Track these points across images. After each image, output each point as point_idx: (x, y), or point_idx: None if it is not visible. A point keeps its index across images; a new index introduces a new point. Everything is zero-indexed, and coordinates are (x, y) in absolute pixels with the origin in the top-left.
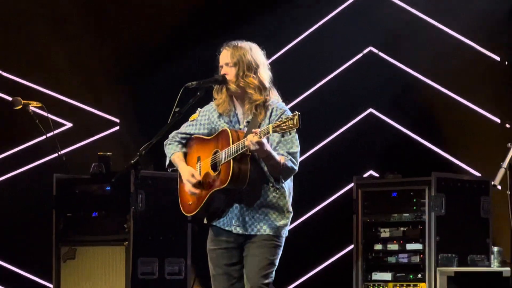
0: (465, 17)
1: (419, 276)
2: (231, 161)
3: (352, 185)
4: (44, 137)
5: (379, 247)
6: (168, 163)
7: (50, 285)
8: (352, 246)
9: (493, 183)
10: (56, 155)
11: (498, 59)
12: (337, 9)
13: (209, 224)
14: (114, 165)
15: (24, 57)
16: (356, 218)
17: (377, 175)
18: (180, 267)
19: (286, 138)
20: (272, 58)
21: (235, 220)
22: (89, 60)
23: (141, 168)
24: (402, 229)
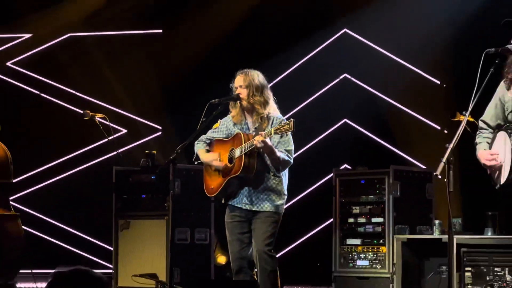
0: (413, 49)
1: (381, 241)
2: (243, 156)
3: (332, 175)
4: (106, 140)
5: (351, 220)
6: (195, 157)
7: (110, 248)
8: (331, 219)
9: (435, 173)
10: (115, 153)
11: (438, 83)
12: (318, 47)
13: (226, 203)
14: (157, 160)
15: (92, 81)
16: (334, 199)
17: (350, 167)
18: (206, 235)
19: (284, 139)
20: (273, 82)
21: (245, 199)
22: (140, 84)
23: (177, 162)
24: (368, 207)
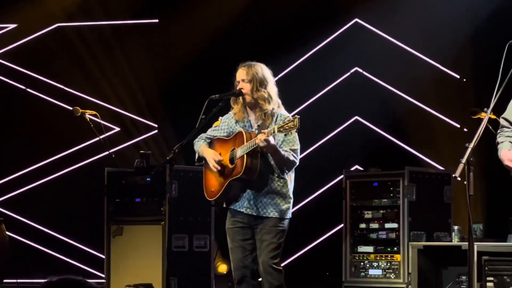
0: (430, 40)
1: (395, 249)
2: (245, 156)
3: (342, 176)
4: (97, 139)
5: (363, 226)
6: (197, 158)
7: (102, 256)
8: (342, 225)
9: (454, 175)
10: (107, 153)
11: (458, 77)
12: (329, 38)
13: (227, 207)
14: (153, 161)
15: (82, 76)
16: (345, 203)
17: (361, 168)
18: (205, 242)
19: (288, 137)
20: (278, 76)
21: (247, 203)
22: (134, 79)
23: (175, 163)
24: (381, 211)
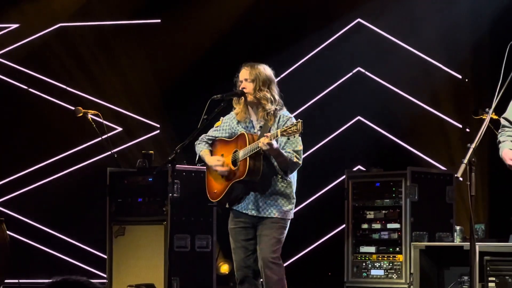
0: (433, 40)
1: (397, 249)
2: (248, 158)
3: (344, 177)
4: (99, 138)
5: (365, 226)
6: (197, 159)
7: (104, 256)
8: (344, 225)
9: (456, 175)
10: (109, 153)
11: (460, 77)
12: (331, 38)
13: (230, 208)
14: (155, 161)
15: (84, 76)
16: (347, 203)
17: (364, 169)
18: (207, 242)
19: (291, 139)
20: (280, 76)
21: (251, 205)
22: (136, 79)
23: (176, 163)
24: (383, 212)
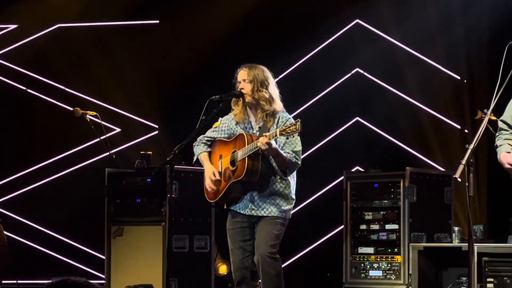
0: (431, 41)
1: (396, 250)
2: (246, 158)
3: (342, 178)
4: (98, 139)
5: (363, 227)
6: (195, 160)
7: (102, 256)
8: (342, 226)
9: (454, 176)
10: (107, 154)
11: (459, 78)
12: (330, 39)
13: (228, 208)
14: (153, 162)
15: (83, 76)
16: (345, 204)
17: (362, 169)
18: (205, 243)
19: (290, 139)
20: (279, 77)
21: (250, 205)
22: (135, 79)
23: (175, 163)
24: (382, 212)
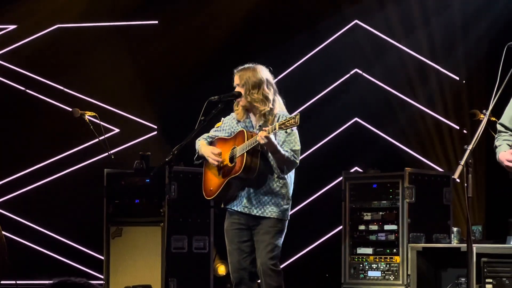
0: (430, 42)
1: (394, 251)
2: (245, 154)
3: (341, 178)
4: (97, 140)
5: (362, 227)
6: (196, 157)
7: (101, 257)
8: (341, 227)
9: (453, 177)
10: (106, 154)
11: (457, 79)
12: (328, 39)
13: (225, 207)
14: (152, 162)
15: (82, 77)
16: (344, 204)
17: (361, 170)
18: (204, 243)
19: (289, 138)
20: (278, 78)
21: (245, 201)
22: (134, 80)
23: (174, 164)
24: (380, 213)
